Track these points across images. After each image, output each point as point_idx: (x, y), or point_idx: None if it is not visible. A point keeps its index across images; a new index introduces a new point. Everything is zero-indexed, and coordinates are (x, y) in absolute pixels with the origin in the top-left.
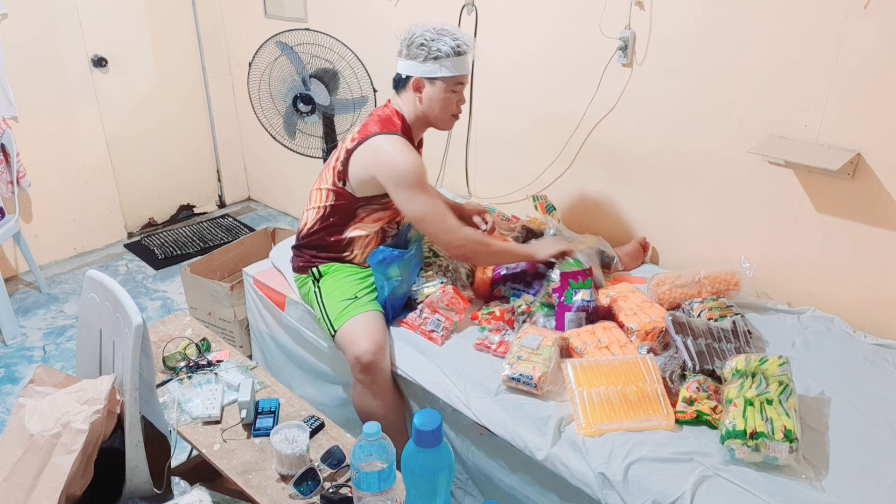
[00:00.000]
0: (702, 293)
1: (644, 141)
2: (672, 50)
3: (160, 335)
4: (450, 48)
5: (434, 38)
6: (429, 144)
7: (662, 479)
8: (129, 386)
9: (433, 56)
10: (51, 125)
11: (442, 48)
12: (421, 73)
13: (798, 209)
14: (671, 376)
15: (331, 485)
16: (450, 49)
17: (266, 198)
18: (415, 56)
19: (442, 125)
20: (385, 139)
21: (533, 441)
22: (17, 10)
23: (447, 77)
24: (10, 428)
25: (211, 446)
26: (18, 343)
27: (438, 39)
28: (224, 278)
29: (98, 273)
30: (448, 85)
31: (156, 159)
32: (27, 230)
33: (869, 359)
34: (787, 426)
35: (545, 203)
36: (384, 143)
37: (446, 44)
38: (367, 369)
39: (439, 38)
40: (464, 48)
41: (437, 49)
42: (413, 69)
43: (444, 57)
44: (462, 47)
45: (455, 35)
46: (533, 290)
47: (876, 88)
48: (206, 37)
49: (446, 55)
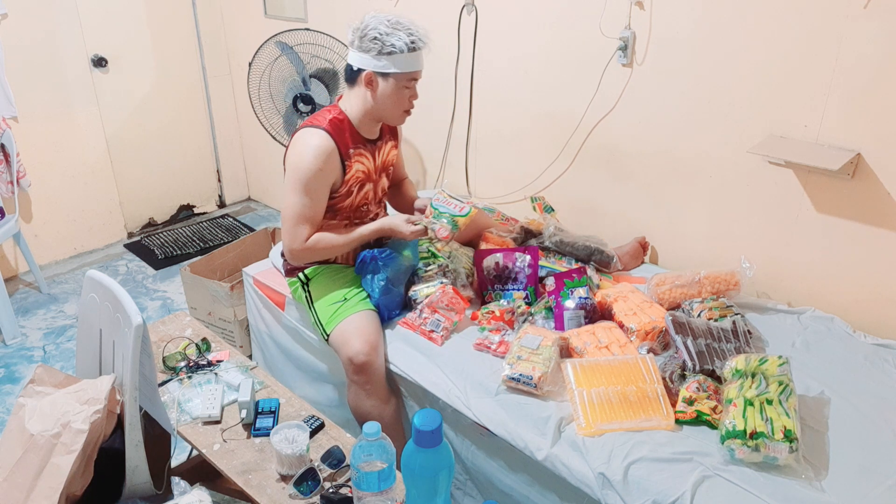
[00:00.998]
0: (702, 293)
1: (644, 141)
2: (672, 50)
3: (160, 335)
4: (404, 44)
5: (388, 32)
6: (429, 144)
7: (662, 479)
8: (129, 386)
9: (386, 51)
10: (51, 125)
11: (396, 43)
12: (373, 68)
13: (798, 209)
14: (671, 376)
15: (331, 485)
16: (404, 45)
17: (266, 198)
18: (367, 49)
19: (393, 121)
20: (304, 133)
21: (533, 441)
22: (17, 10)
23: (400, 73)
24: (10, 428)
25: (211, 446)
26: (18, 343)
27: (393, 34)
28: (224, 278)
29: (98, 273)
30: (401, 81)
31: (156, 159)
32: (27, 230)
33: (869, 359)
34: (787, 426)
35: (543, 204)
36: (300, 137)
37: (401, 39)
38: (360, 370)
39: (393, 33)
40: (419, 44)
41: (391, 44)
42: (365, 62)
43: (398, 53)
44: (417, 43)
45: (410, 30)
46: (520, 285)
47: (876, 88)
48: (206, 37)
49: (400, 51)
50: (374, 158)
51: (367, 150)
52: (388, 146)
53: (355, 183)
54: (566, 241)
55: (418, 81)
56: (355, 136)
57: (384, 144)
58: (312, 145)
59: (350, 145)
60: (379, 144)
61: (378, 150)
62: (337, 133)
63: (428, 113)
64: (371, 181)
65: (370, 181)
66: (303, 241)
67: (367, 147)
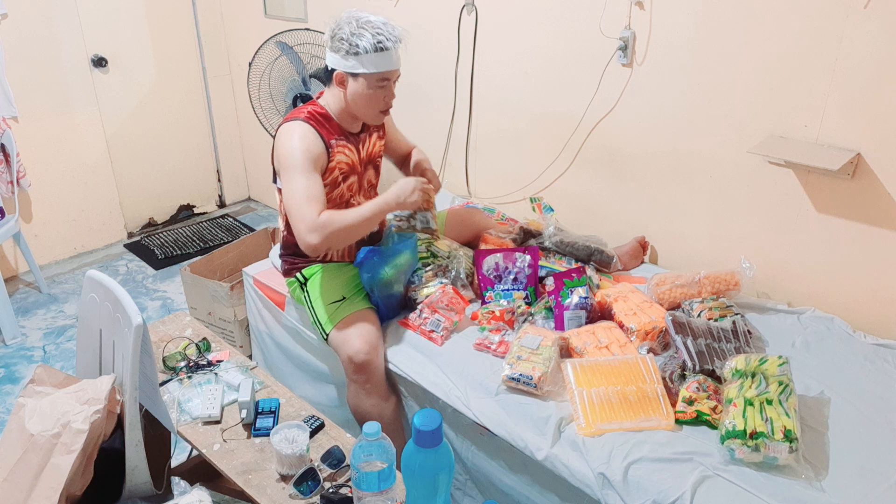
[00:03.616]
0: (702, 293)
1: (644, 141)
2: (672, 50)
3: (160, 335)
4: (369, 44)
5: (355, 33)
6: (429, 144)
7: (662, 479)
8: (129, 386)
9: (353, 51)
10: (51, 125)
11: (360, 43)
12: (343, 68)
13: (798, 209)
14: (671, 376)
15: (331, 485)
16: (369, 45)
17: (266, 198)
18: (337, 49)
19: (369, 120)
20: (284, 127)
21: (533, 441)
22: (17, 10)
23: (368, 74)
24: (10, 428)
25: (211, 446)
26: (18, 343)
27: (359, 34)
28: (224, 278)
29: (98, 273)
30: (371, 81)
31: (156, 159)
32: (27, 230)
33: (869, 359)
34: (787, 426)
35: (542, 204)
36: (281, 131)
37: (366, 39)
38: (360, 369)
39: (360, 33)
40: (386, 44)
41: (356, 44)
42: (335, 62)
43: (364, 53)
44: (384, 43)
45: (378, 30)
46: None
47: (876, 88)
48: (206, 37)
49: (365, 51)
50: (357, 151)
51: (350, 142)
52: (372, 138)
53: (339, 173)
54: (566, 241)
55: (395, 80)
56: (336, 129)
57: (368, 137)
58: (295, 132)
59: (332, 136)
60: (362, 137)
61: (362, 142)
62: (316, 123)
63: (428, 113)
64: (356, 173)
65: (355, 173)
66: (314, 220)
67: (350, 139)
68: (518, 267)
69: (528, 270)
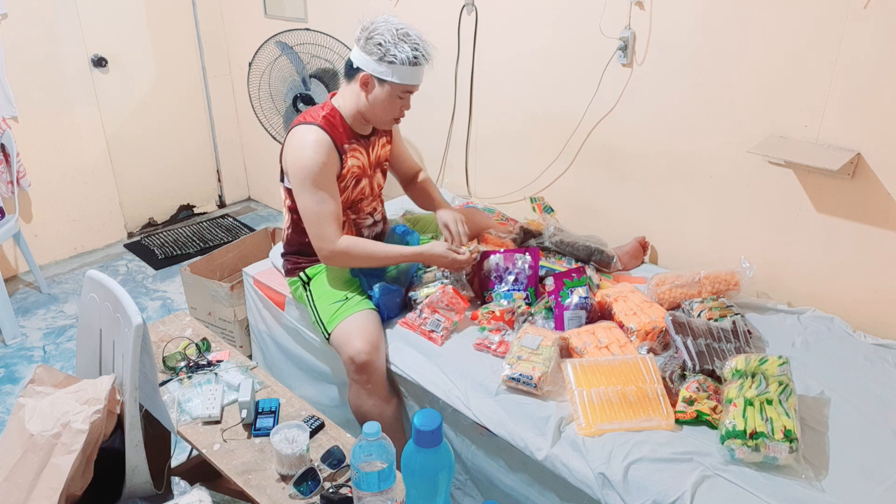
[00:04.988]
0: (702, 293)
1: (644, 141)
2: (672, 50)
3: (160, 335)
4: (406, 57)
5: (394, 42)
6: (429, 144)
7: (662, 479)
8: (129, 386)
9: (388, 59)
10: (51, 125)
11: (398, 55)
12: (372, 71)
13: (798, 209)
14: (671, 376)
15: (331, 485)
16: (406, 57)
17: (266, 198)
18: (370, 52)
19: (380, 125)
20: (300, 129)
21: (533, 441)
22: (17, 10)
23: (397, 84)
24: (10, 428)
25: (211, 446)
26: (18, 343)
27: (398, 44)
28: (224, 278)
29: (98, 273)
30: (396, 91)
31: (156, 159)
32: (27, 230)
33: (869, 359)
34: (787, 426)
35: (542, 204)
36: (297, 133)
37: (404, 51)
38: (361, 369)
39: (399, 43)
40: (421, 60)
41: (394, 54)
42: (365, 63)
43: (399, 64)
44: (420, 59)
45: (417, 44)
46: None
47: (876, 88)
48: (206, 37)
49: (401, 63)
50: (367, 154)
51: (361, 144)
52: (380, 141)
53: (351, 178)
54: (566, 241)
55: (413, 94)
56: (348, 132)
57: (377, 140)
58: (310, 140)
59: (345, 140)
60: (372, 140)
61: (371, 145)
62: (331, 128)
63: (428, 113)
64: (366, 176)
65: (365, 176)
66: (333, 242)
67: (360, 142)
68: (518, 268)
69: (528, 271)
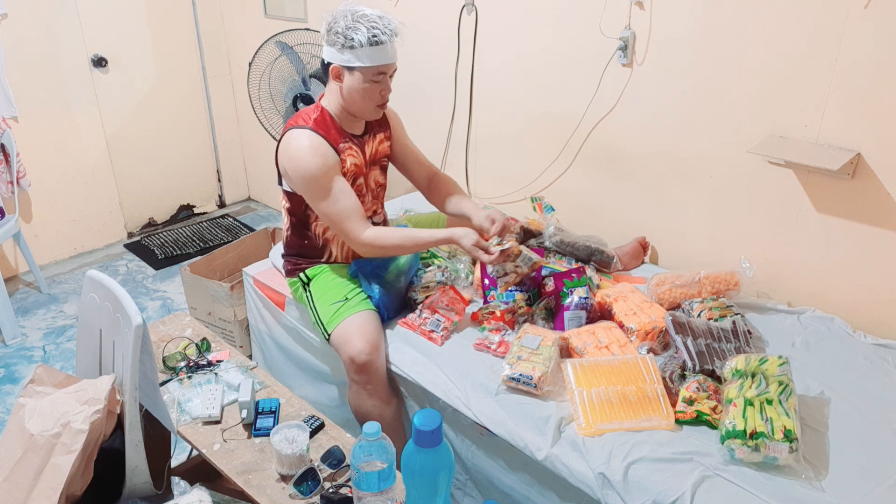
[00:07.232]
0: (702, 293)
1: (644, 141)
2: (672, 50)
3: (160, 335)
4: (364, 38)
5: (350, 26)
6: (429, 144)
7: (662, 479)
8: (129, 386)
9: (348, 45)
10: (51, 125)
11: (356, 37)
12: (339, 62)
13: (798, 209)
14: (671, 376)
15: (331, 485)
16: (364, 38)
17: (266, 198)
18: (333, 43)
19: (365, 115)
20: (292, 135)
21: (533, 441)
22: (17, 10)
23: (364, 67)
24: (10, 428)
25: (211, 446)
26: (18, 343)
27: (354, 27)
28: (224, 278)
29: (98, 273)
30: (367, 75)
31: (156, 159)
32: (27, 230)
33: (869, 359)
34: (787, 426)
35: (543, 204)
36: (291, 140)
37: (361, 33)
38: (362, 370)
39: (355, 26)
40: (382, 37)
41: (351, 38)
42: (332, 56)
43: (359, 47)
44: (379, 37)
45: (374, 23)
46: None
47: (876, 88)
48: (206, 37)
49: (360, 45)
50: (363, 152)
51: (355, 143)
52: (377, 139)
53: (349, 177)
54: (566, 241)
55: (391, 74)
56: (341, 132)
57: (372, 138)
58: (306, 146)
59: (339, 140)
60: (366, 139)
61: (365, 143)
62: (323, 129)
63: (428, 113)
64: (362, 174)
65: (361, 174)
66: (359, 235)
67: (354, 141)
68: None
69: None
